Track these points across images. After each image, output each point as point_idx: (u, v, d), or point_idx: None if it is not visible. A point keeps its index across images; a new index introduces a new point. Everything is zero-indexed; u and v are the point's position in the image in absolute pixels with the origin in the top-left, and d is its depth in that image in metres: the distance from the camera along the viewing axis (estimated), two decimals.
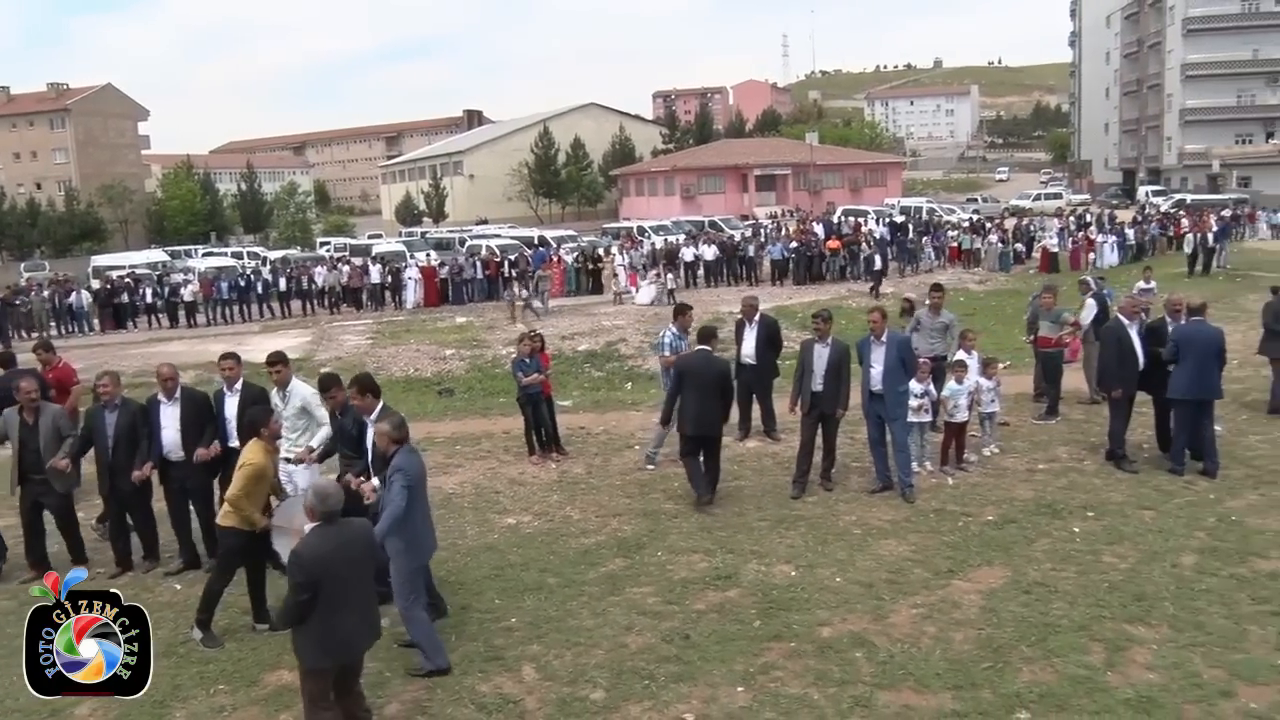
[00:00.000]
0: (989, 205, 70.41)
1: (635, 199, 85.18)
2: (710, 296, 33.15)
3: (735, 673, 7.08)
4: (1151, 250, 41.70)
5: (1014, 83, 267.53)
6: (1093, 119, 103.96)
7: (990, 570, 8.68)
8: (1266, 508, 10.07)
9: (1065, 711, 6.41)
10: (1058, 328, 13.70)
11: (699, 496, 10.77)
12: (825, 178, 78.88)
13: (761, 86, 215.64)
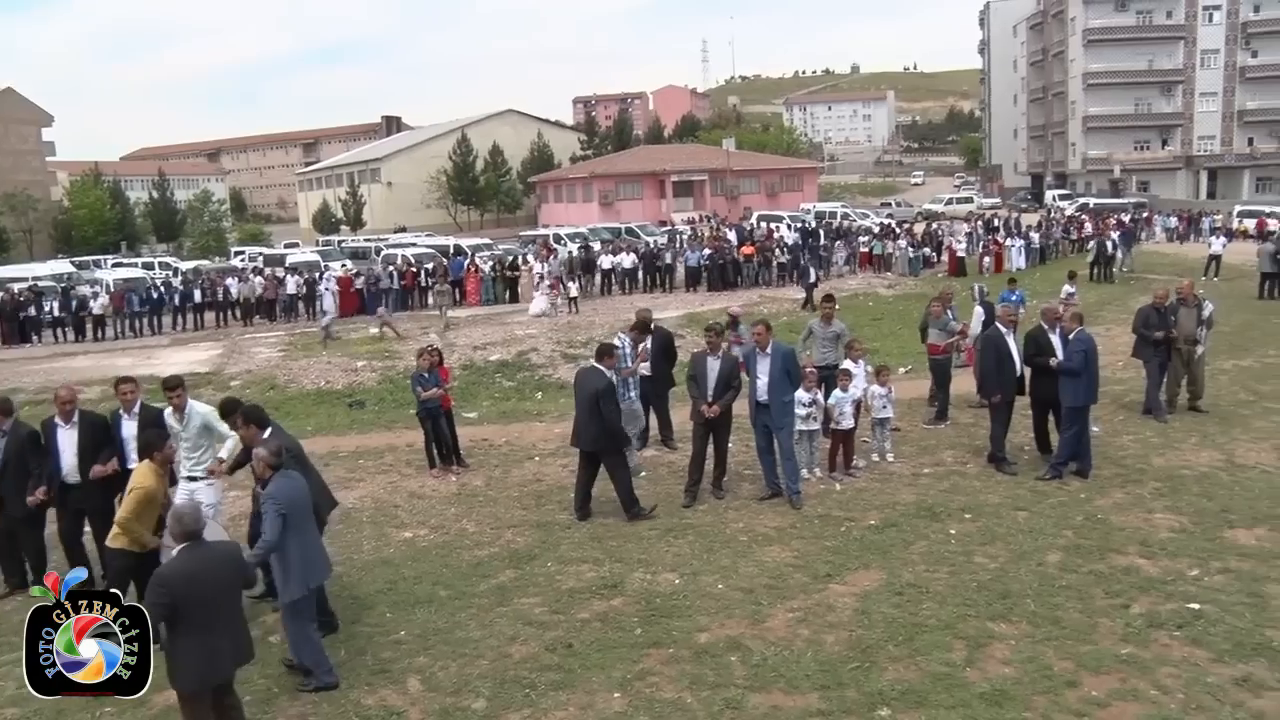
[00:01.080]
0: (902, 209, 71.77)
1: (554, 206, 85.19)
2: (624, 304, 33.38)
3: (613, 679, 7.30)
4: (1055, 254, 42.91)
5: (929, 88, 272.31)
6: (1002, 125, 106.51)
7: (867, 573, 9.01)
8: (1130, 505, 10.60)
9: (924, 707, 6.72)
10: (946, 335, 14.17)
11: (577, 514, 11.07)
12: (742, 183, 79.70)
13: (681, 92, 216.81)
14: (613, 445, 10.93)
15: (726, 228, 50.44)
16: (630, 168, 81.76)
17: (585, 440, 10.93)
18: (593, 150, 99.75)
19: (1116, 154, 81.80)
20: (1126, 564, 9.01)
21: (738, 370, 11.20)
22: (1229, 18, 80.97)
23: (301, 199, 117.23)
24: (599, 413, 10.73)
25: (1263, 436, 13.26)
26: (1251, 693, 6.75)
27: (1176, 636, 7.58)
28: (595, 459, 11.02)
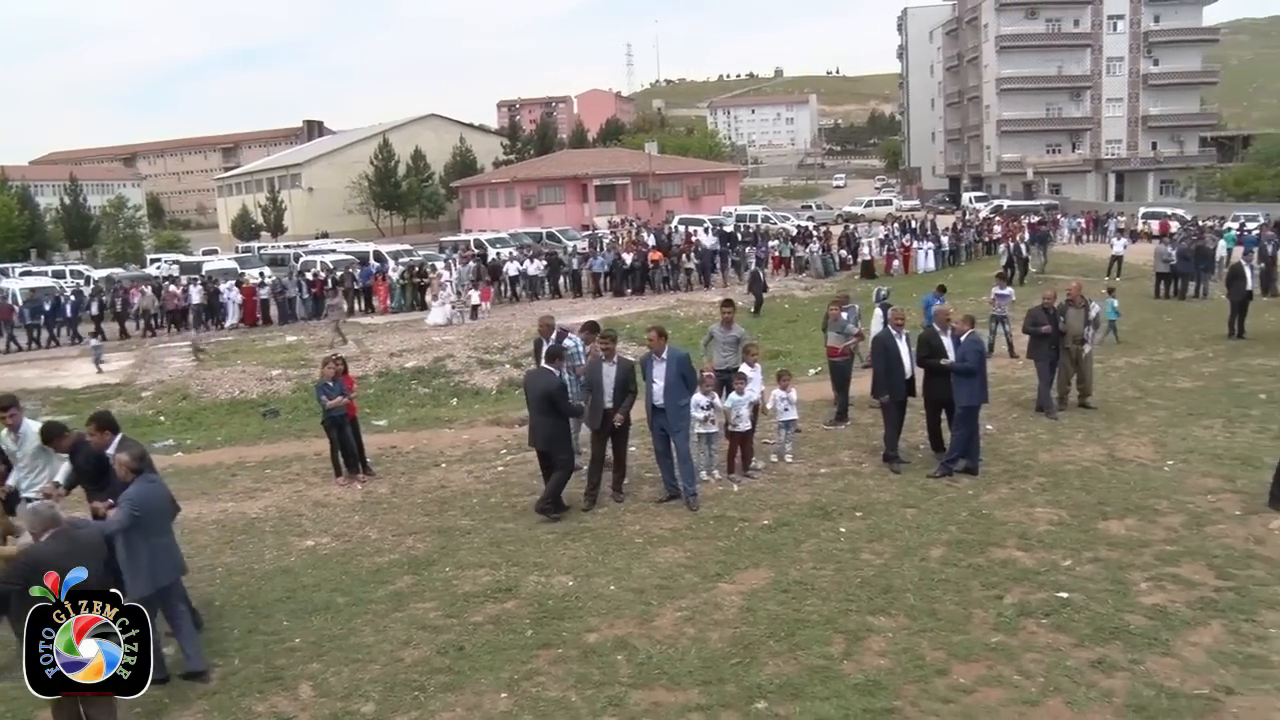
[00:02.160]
0: (823, 212, 72.76)
1: (477, 210, 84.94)
2: (536, 309, 33.45)
3: (502, 680, 7.46)
4: (968, 256, 43.82)
5: (851, 92, 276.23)
6: (921, 128, 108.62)
7: (756, 572, 9.27)
8: (1013, 500, 11.02)
9: (800, 699, 6.98)
10: (844, 337, 14.52)
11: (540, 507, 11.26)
12: (664, 187, 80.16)
13: (606, 96, 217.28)
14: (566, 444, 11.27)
15: (646, 231, 50.64)
16: (552, 172, 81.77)
17: (540, 440, 11.19)
18: (515, 155, 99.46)
19: (1029, 157, 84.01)
20: (1005, 557, 9.39)
21: (634, 375, 11.42)
22: (1131, 27, 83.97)
23: (221, 204, 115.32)
24: (554, 412, 10.99)
25: (1144, 431, 13.82)
26: (1105, 674, 7.13)
27: (1043, 624, 7.95)
28: (544, 457, 11.32)
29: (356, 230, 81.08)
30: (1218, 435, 13.59)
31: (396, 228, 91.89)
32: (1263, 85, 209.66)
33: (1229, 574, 8.83)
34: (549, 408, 11.02)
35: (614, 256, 38.54)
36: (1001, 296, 20.90)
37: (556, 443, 11.22)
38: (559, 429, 11.23)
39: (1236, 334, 21.60)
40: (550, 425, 11.11)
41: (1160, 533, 9.91)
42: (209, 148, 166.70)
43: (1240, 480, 11.46)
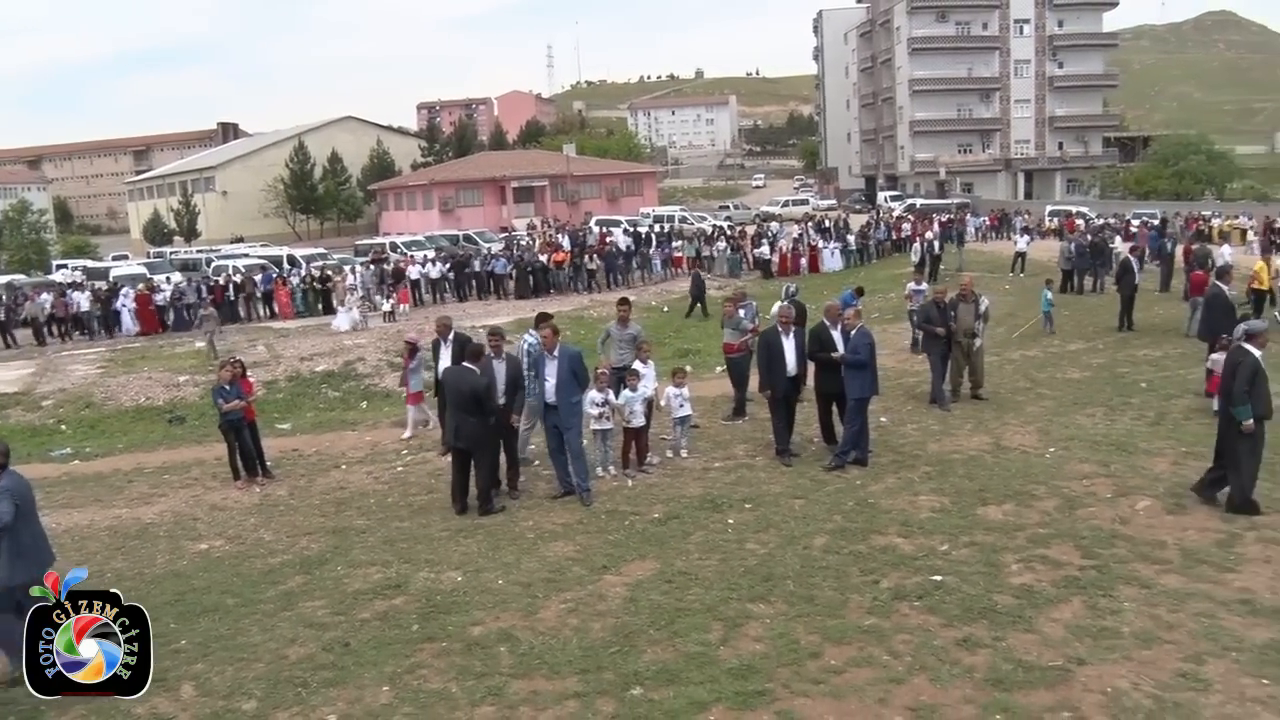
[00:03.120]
0: (740, 212, 73.37)
1: (395, 213, 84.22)
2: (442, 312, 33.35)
3: (385, 674, 7.54)
4: (879, 254, 44.62)
5: (771, 93, 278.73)
6: (837, 128, 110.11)
7: (643, 564, 9.46)
8: (899, 489, 11.35)
9: (675, 684, 7.16)
10: (739, 334, 14.79)
11: (456, 509, 11.36)
12: (583, 188, 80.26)
13: (526, 98, 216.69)
14: (488, 442, 11.28)
15: (559, 233, 50.68)
16: (471, 174, 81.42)
17: (463, 438, 11.16)
18: (434, 157, 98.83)
19: (942, 157, 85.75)
20: (885, 543, 9.69)
21: (522, 371, 11.56)
22: (1037, 31, 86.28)
23: (132, 209, 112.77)
24: (480, 411, 11.04)
25: (1030, 420, 14.31)
26: (969, 651, 7.41)
27: (916, 606, 8.23)
28: (469, 455, 11.30)
29: (273, 234, 79.98)
30: (1099, 423, 14.12)
31: (314, 231, 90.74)
32: (1163, 89, 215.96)
33: (1094, 553, 9.23)
34: (476, 407, 11.08)
35: (517, 259, 38.50)
36: (917, 292, 21.33)
37: (480, 441, 11.24)
38: (483, 427, 11.25)
39: (1126, 326, 22.35)
40: (476, 424, 11.14)
41: (1035, 516, 10.30)
42: (119, 150, 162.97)
43: (1114, 465, 11.96)
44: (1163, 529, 9.87)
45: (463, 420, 11.15)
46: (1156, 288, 28.99)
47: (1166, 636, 7.60)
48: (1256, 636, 7.57)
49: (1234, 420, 10.10)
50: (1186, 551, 9.25)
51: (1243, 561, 9.04)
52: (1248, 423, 9.98)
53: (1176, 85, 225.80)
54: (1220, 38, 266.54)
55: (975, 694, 6.86)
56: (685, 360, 22.80)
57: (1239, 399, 10.03)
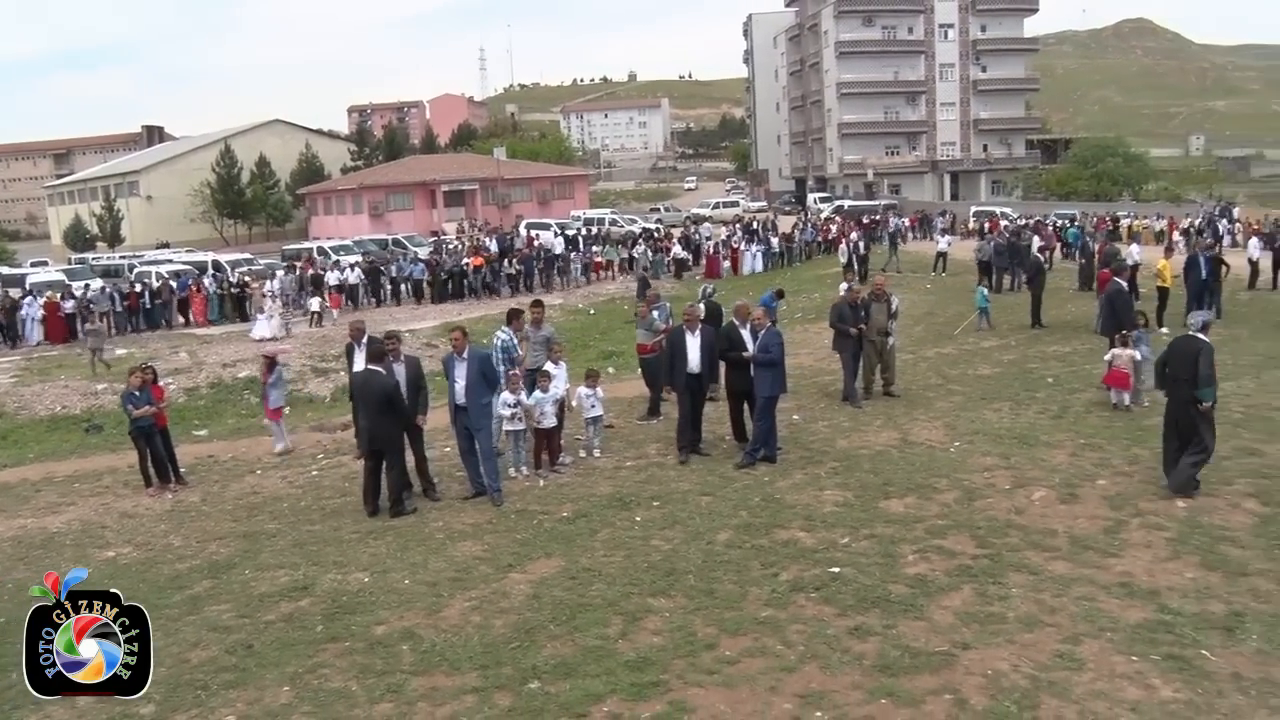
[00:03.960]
0: (671, 214, 73.77)
1: (324, 218, 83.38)
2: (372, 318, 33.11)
3: (286, 675, 7.58)
4: (806, 256, 45.13)
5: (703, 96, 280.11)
6: (767, 131, 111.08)
7: (549, 561, 9.58)
8: (805, 485, 11.60)
9: (573, 677, 7.29)
10: (652, 335, 14.98)
11: (368, 511, 11.40)
12: (514, 191, 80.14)
13: (458, 101, 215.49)
14: (398, 444, 11.36)
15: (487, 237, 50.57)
16: (400, 178, 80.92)
17: (378, 440, 11.24)
18: (364, 161, 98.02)
19: (870, 159, 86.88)
20: (788, 537, 9.91)
21: (423, 373, 11.66)
22: (961, 35, 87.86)
23: (52, 214, 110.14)
24: (392, 412, 11.12)
25: (938, 416, 14.66)
26: (860, 639, 7.65)
27: (813, 597, 8.45)
28: (380, 457, 11.35)
29: (200, 240, 78.80)
30: (1004, 417, 14.51)
31: (242, 236, 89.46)
32: (1085, 93, 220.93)
33: (988, 543, 9.53)
34: (386, 408, 11.14)
35: (434, 263, 38.37)
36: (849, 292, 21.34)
37: (393, 443, 11.33)
38: (395, 429, 11.33)
39: (1036, 324, 22.92)
40: (388, 426, 11.22)
41: (935, 509, 10.59)
42: (38, 153, 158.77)
43: (1014, 457, 12.31)
44: (1055, 518, 10.22)
45: (373, 422, 11.21)
46: (1076, 285, 29.64)
47: (1049, 620, 7.90)
48: (1131, 617, 7.90)
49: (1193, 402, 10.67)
50: (1075, 539, 9.60)
51: (1126, 547, 9.40)
52: (1208, 404, 10.66)
53: (1098, 89, 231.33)
54: (1138, 44, 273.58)
55: (863, 680, 7.08)
56: (609, 362, 23.06)
57: (1206, 381, 10.61)
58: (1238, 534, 9.69)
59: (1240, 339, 20.91)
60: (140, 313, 34.70)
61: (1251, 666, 7.13)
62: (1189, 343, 10.91)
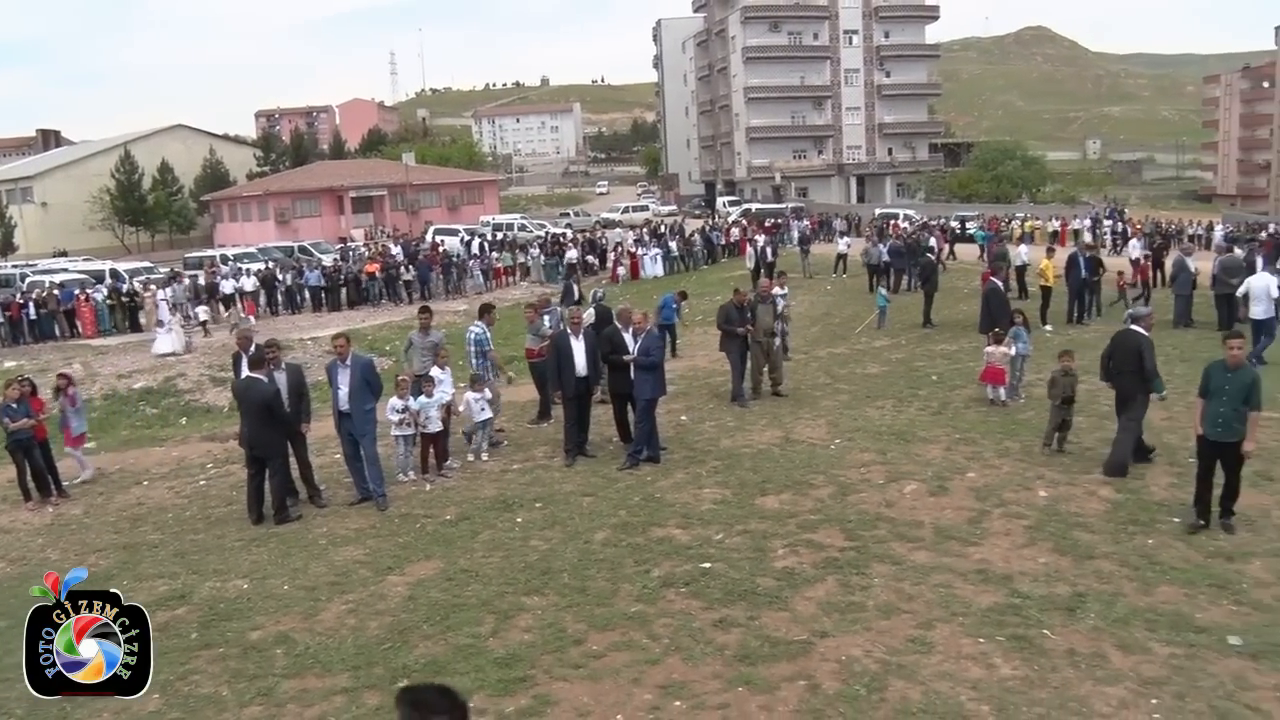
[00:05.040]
0: (581, 219, 73.91)
1: (229, 225, 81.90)
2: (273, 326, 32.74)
3: (156, 682, 7.55)
4: (708, 260, 45.58)
5: (616, 100, 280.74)
6: (677, 135, 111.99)
7: (428, 563, 9.72)
8: (686, 484, 11.87)
9: (442, 674, 7.43)
10: (539, 340, 15.16)
11: (252, 518, 11.42)
12: (423, 197, 79.51)
13: (368, 105, 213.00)
14: (280, 451, 11.40)
15: (392, 243, 50.21)
16: (307, 184, 79.79)
17: (260, 446, 11.29)
18: (270, 166, 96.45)
19: (777, 162, 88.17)
20: (663, 535, 10.17)
21: (305, 380, 11.72)
22: (865, 41, 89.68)
23: None
24: (273, 419, 11.15)
25: (822, 414, 15.07)
26: (723, 631, 7.92)
27: (681, 592, 8.71)
28: (264, 464, 11.37)
29: (100, 248, 76.72)
30: (886, 414, 14.97)
31: (145, 244, 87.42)
32: (989, 97, 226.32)
33: (857, 535, 9.89)
34: (269, 415, 11.17)
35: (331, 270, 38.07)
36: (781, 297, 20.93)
37: (274, 450, 11.37)
38: (277, 436, 11.37)
39: (927, 323, 23.57)
40: (269, 433, 11.26)
41: (809, 504, 10.93)
42: None
43: (891, 453, 12.74)
44: (923, 510, 10.63)
45: (255, 430, 11.24)
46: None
47: (905, 607, 8.26)
48: (983, 601, 8.30)
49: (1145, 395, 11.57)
50: (940, 529, 10.01)
51: (987, 535, 9.84)
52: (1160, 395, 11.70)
53: (1002, 94, 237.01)
54: (1038, 51, 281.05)
55: (723, 670, 7.34)
56: (509, 367, 23.11)
57: (1153, 374, 11.48)
58: (1091, 520, 10.21)
59: None
60: (25, 324, 33.63)
61: (1086, 643, 7.56)
62: (1130, 336, 11.70)
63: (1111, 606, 8.17)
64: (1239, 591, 8.48)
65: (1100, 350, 19.37)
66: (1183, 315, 22.38)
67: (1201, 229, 48.37)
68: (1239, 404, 9.51)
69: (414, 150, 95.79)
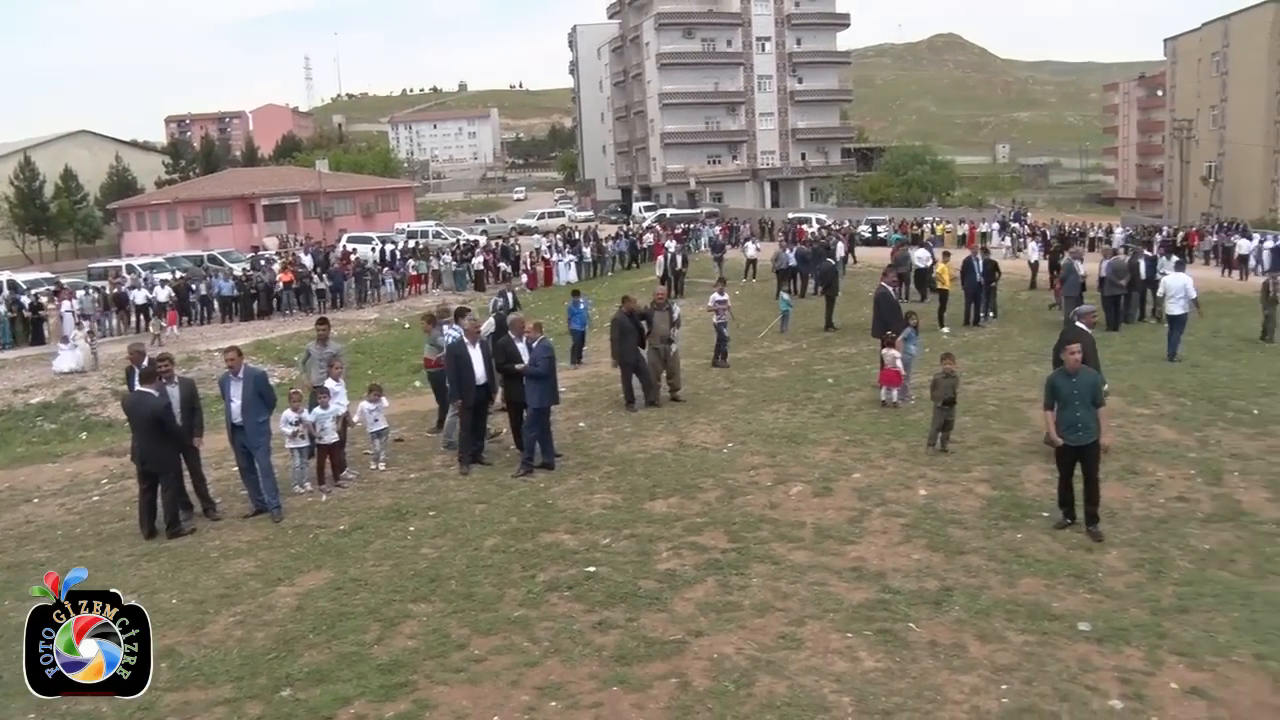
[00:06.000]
0: (497, 225, 73.72)
1: (137, 234, 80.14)
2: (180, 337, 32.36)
3: (33, 702, 7.53)
4: (622, 265, 45.89)
5: (534, 105, 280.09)
6: (593, 141, 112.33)
7: (318, 574, 9.82)
8: (578, 489, 12.10)
9: (325, 683, 7.58)
10: (437, 350, 15.27)
11: (144, 533, 11.37)
12: (337, 205, 78.67)
13: (283, 111, 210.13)
14: (172, 464, 11.35)
15: (304, 252, 49.70)
16: (218, 192, 78.48)
17: (149, 462, 11.26)
18: (180, 174, 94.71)
19: (692, 167, 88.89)
20: (552, 540, 10.39)
21: (196, 394, 11.74)
22: (778, 48, 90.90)
23: None
24: (163, 433, 11.11)
25: (719, 419, 15.39)
26: (602, 633, 8.17)
27: (565, 596, 8.94)
28: (155, 479, 11.33)
29: (1, 258, 74.72)
30: (780, 417, 15.35)
31: (48, 254, 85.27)
32: (904, 103, 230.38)
33: (740, 537, 10.21)
34: (159, 429, 11.15)
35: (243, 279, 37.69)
36: (720, 303, 20.94)
37: (166, 464, 11.34)
38: (168, 450, 11.35)
39: (829, 326, 24.11)
40: (160, 447, 11.24)
41: (696, 507, 11.23)
42: None
43: (780, 455, 13.10)
44: (807, 510, 10.99)
45: (146, 444, 11.23)
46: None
47: (780, 605, 8.58)
48: (855, 598, 8.66)
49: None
50: (820, 529, 10.37)
51: (865, 534, 10.23)
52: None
53: (915, 100, 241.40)
54: (949, 58, 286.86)
55: (600, 670, 7.59)
56: (417, 375, 23.14)
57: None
58: (965, 517, 10.66)
59: (1010, 336, 22.55)
60: None
61: (949, 634, 7.95)
62: (1073, 333, 12.35)
63: (976, 599, 8.59)
64: (1094, 580, 8.98)
65: (993, 351, 20.33)
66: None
67: (1102, 231, 49.91)
68: (1089, 404, 10.01)
69: (328, 157, 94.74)
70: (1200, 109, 75.34)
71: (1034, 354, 19.56)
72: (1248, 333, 21.43)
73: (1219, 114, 73.15)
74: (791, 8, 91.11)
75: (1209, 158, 73.19)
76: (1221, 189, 72.30)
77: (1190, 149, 68.87)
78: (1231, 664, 7.42)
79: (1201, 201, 71.27)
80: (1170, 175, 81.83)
